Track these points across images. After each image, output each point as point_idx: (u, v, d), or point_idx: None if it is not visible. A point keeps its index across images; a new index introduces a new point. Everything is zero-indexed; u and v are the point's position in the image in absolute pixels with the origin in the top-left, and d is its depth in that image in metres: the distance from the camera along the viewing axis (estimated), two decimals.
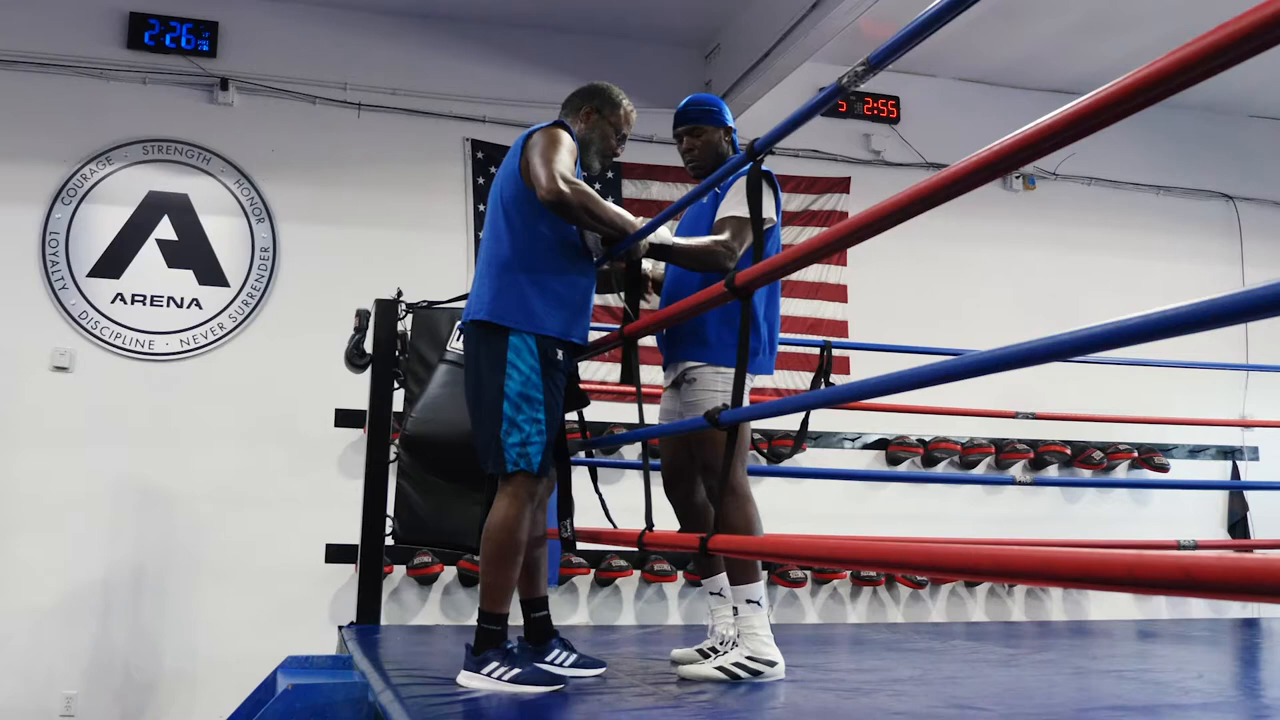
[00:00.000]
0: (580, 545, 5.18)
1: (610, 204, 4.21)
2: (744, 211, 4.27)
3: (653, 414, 4.76)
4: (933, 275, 9.79)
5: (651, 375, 8.68)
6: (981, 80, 10.19)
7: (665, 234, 4.33)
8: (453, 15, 9.17)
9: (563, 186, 4.00)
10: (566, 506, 4.48)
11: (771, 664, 4.27)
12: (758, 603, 4.26)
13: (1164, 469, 9.93)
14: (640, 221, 4.26)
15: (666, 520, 4.64)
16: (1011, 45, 9.60)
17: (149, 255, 8.32)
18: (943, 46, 9.37)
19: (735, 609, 4.32)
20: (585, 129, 4.52)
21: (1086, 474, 9.84)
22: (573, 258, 4.28)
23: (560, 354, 4.18)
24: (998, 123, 2.27)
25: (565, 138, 4.24)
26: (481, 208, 8.81)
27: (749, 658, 4.26)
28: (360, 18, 9.03)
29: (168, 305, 8.31)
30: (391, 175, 8.88)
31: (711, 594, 4.72)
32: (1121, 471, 9.97)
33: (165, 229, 8.38)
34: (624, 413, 8.14)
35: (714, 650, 4.60)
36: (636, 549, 4.09)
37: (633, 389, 4.50)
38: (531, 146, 4.22)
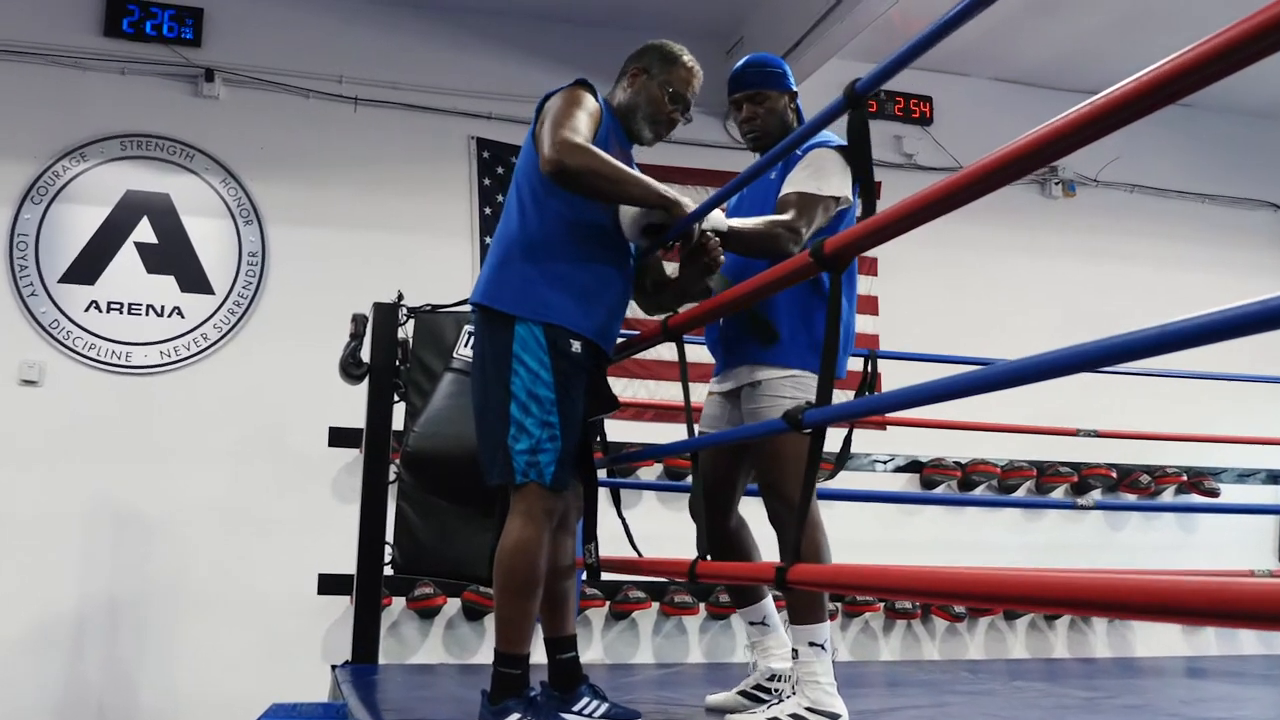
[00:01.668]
0: (607, 575, 4.58)
1: (634, 170, 3.60)
2: (815, 187, 3.82)
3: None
4: (967, 287, 9.41)
5: (666, 391, 8.32)
6: (1019, 81, 9.80)
7: (719, 217, 3.71)
8: (457, 5, 8.73)
9: (559, 154, 3.42)
10: (592, 528, 3.92)
11: (835, 717, 3.67)
12: (822, 646, 3.70)
13: (1214, 493, 9.48)
14: (689, 202, 3.62)
15: (674, 548, 4.24)
16: (1050, 43, 9.26)
17: (127, 259, 7.90)
18: (978, 45, 9.07)
19: (795, 651, 3.75)
20: (631, 93, 3.93)
21: (1132, 498, 9.38)
22: (597, 243, 3.71)
23: (577, 347, 3.60)
24: (1036, 125, 1.88)
25: (585, 99, 3.67)
26: (488, 211, 8.45)
27: (809, 709, 3.67)
28: (358, 6, 8.64)
29: (147, 314, 7.90)
30: (390, 175, 8.47)
31: (752, 624, 4.20)
32: (1168, 496, 9.53)
33: (145, 231, 7.97)
34: (638, 433, 7.60)
35: (760, 690, 4.10)
36: (686, 580, 3.45)
37: (647, 404, 3.91)
38: (545, 111, 3.66)
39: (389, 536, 5.45)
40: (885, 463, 8.95)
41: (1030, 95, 9.70)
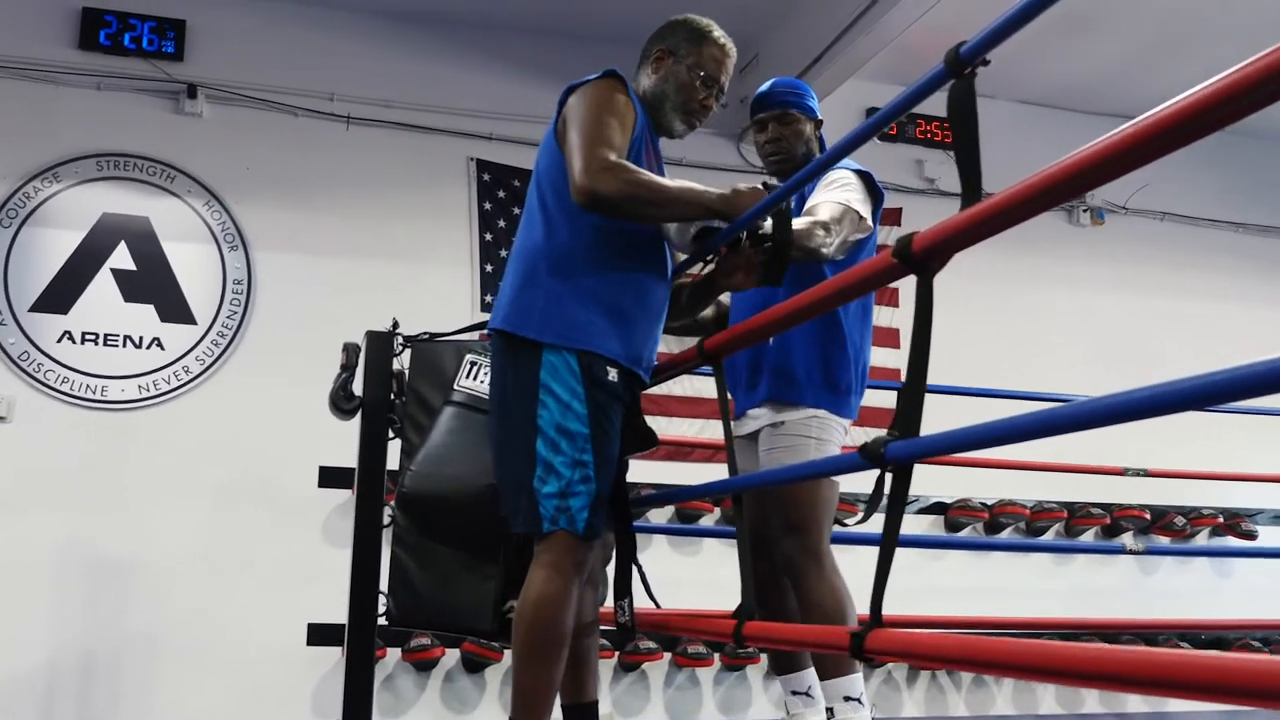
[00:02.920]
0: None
1: (678, 181, 3.22)
2: (844, 199, 3.64)
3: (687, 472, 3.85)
4: (992, 317, 9.19)
5: (678, 428, 7.97)
6: (1044, 103, 9.57)
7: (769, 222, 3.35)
8: (457, 19, 8.52)
9: (591, 180, 3.07)
10: (626, 581, 3.49)
11: None
12: (859, 700, 3.45)
13: (1250, 535, 9.17)
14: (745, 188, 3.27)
15: (688, 595, 4.24)
16: (1078, 64, 9.05)
17: (103, 287, 7.65)
18: (1003, 65, 8.62)
19: (830, 710, 3.48)
20: (656, 80, 3.54)
21: (1165, 540, 9.05)
22: (635, 252, 3.35)
23: (613, 375, 3.23)
24: (1063, 150, 1.96)
25: (616, 99, 3.29)
26: (489, 236, 8.25)
27: None
28: (351, 19, 8.41)
29: (124, 345, 7.65)
30: (385, 198, 8.24)
31: (795, 693, 3.82)
32: (1203, 538, 9.25)
33: (122, 257, 7.72)
34: (649, 471, 7.22)
35: None
36: (731, 642, 2.99)
37: (661, 440, 3.56)
38: (572, 109, 3.29)
39: (383, 585, 5.02)
40: (908, 504, 8.46)
41: (1057, 118, 9.52)
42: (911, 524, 8.58)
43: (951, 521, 8.66)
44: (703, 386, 7.64)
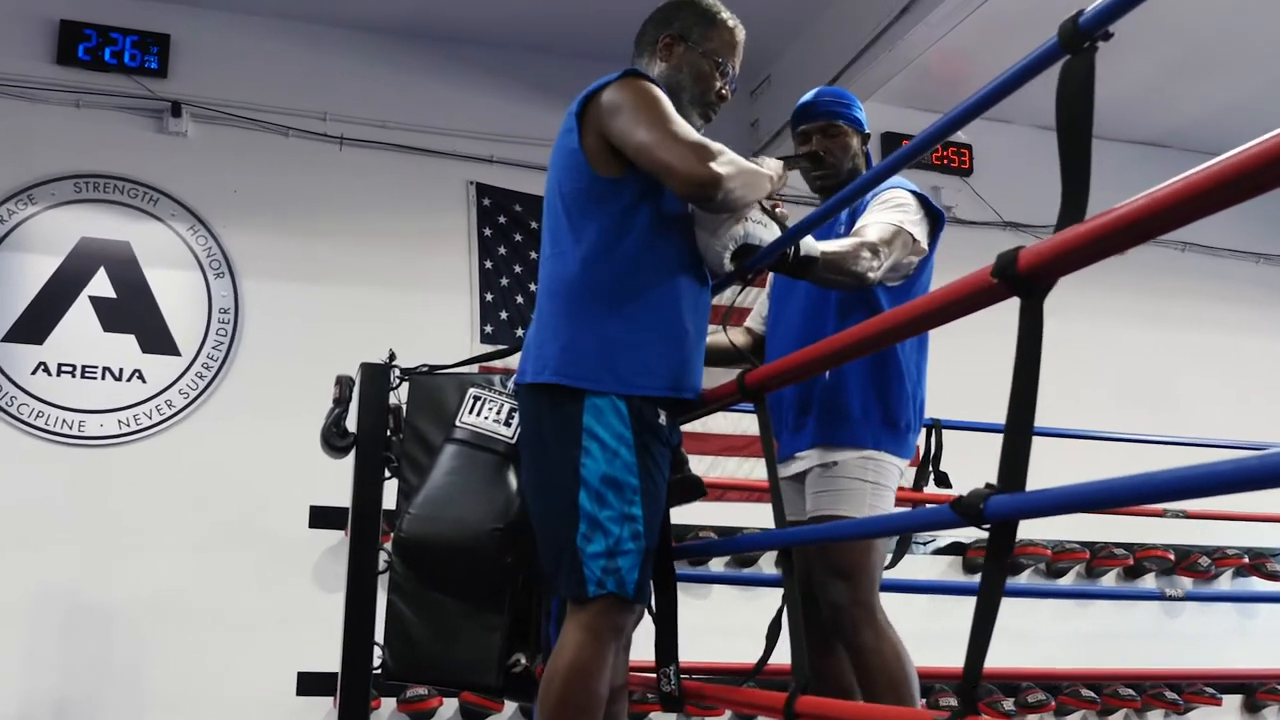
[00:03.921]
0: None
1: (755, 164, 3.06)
2: (899, 219, 3.46)
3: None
4: (1010, 349, 8.69)
5: (694, 467, 7.70)
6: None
7: (810, 241, 3.14)
8: (455, 37, 8.38)
9: (711, 168, 2.83)
10: (671, 645, 3.18)
11: None
12: None
13: (1276, 577, 8.99)
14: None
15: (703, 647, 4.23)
16: (1098, 89, 8.54)
17: (80, 316, 7.47)
18: (1021, 89, 8.49)
19: None
20: (668, 70, 3.27)
21: (1188, 582, 8.89)
22: (676, 275, 3.09)
23: (663, 418, 2.96)
24: None
25: (658, 93, 3.02)
26: (489, 264, 8.09)
27: None
28: (344, 35, 8.27)
29: (103, 377, 7.46)
30: (380, 223, 8.08)
31: None
32: (1227, 578, 9.07)
33: (101, 284, 7.55)
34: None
35: None
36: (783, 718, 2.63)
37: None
38: (611, 114, 2.98)
39: (378, 635, 4.86)
40: (924, 544, 8.40)
41: None
42: (927, 566, 8.39)
43: (970, 563, 8.41)
44: (713, 423, 7.37)
